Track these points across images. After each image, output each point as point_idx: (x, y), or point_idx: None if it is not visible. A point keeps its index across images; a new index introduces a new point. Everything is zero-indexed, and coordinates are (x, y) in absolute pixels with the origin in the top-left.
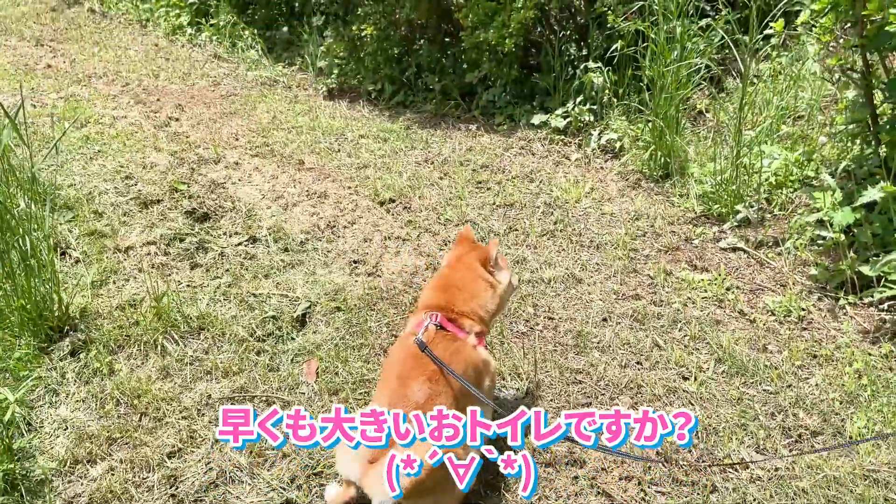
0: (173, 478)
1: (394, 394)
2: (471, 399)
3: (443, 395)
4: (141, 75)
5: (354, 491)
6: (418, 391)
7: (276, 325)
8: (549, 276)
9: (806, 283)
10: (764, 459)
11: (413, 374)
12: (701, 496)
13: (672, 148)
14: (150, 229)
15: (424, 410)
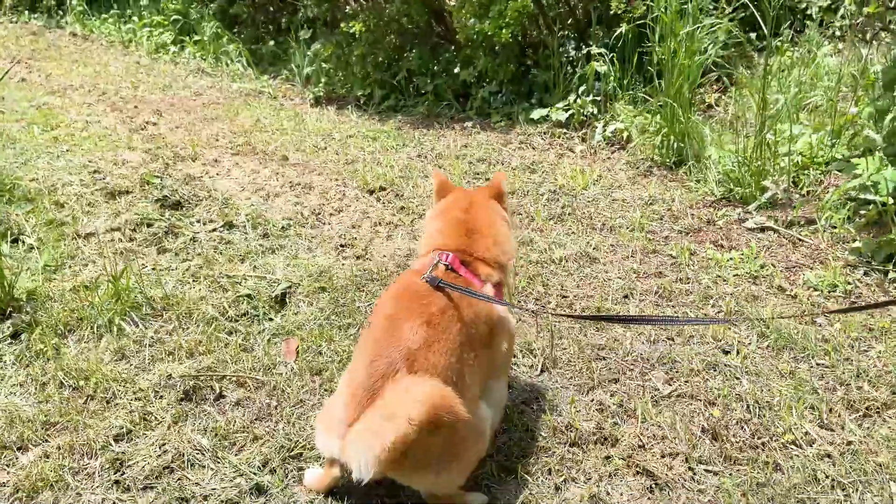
0: (119, 462)
1: (381, 337)
2: (480, 357)
3: (443, 343)
4: (119, 87)
5: (338, 471)
6: (412, 334)
7: (251, 304)
8: (560, 256)
9: (849, 257)
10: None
11: (408, 315)
12: (762, 474)
13: (686, 130)
14: (115, 217)
15: (417, 359)
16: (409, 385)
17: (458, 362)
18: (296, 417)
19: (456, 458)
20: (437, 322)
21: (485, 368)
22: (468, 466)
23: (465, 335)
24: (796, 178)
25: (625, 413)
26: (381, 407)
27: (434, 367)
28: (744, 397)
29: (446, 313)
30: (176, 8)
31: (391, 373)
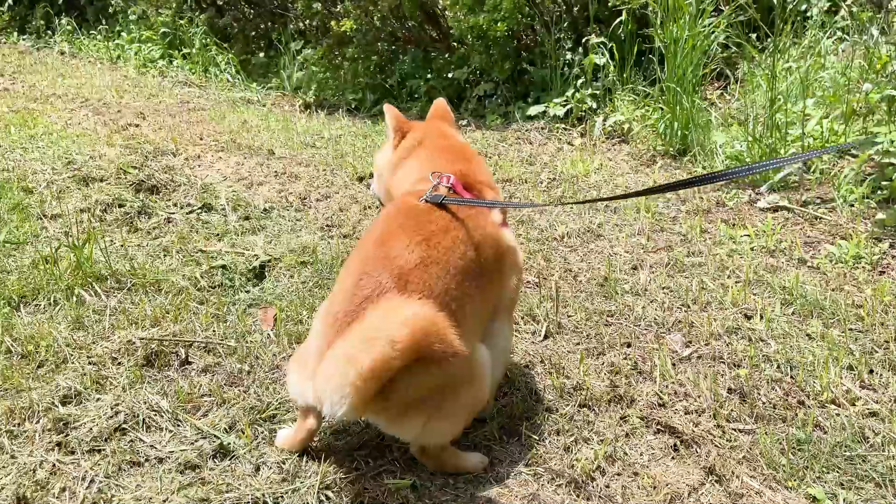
0: (63, 423)
1: (370, 256)
2: (484, 289)
3: (442, 265)
4: (103, 95)
5: (314, 422)
6: (408, 253)
7: (226, 276)
8: (562, 233)
9: (873, 230)
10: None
11: (403, 232)
12: (802, 432)
13: (691, 115)
14: (84, 199)
15: (410, 280)
16: (396, 305)
17: (459, 289)
18: (270, 381)
19: (448, 402)
20: (437, 241)
21: (489, 303)
22: (462, 416)
23: (469, 260)
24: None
25: (639, 374)
26: (361, 329)
27: (430, 290)
28: (772, 358)
29: (449, 233)
30: (165, 21)
31: (379, 294)
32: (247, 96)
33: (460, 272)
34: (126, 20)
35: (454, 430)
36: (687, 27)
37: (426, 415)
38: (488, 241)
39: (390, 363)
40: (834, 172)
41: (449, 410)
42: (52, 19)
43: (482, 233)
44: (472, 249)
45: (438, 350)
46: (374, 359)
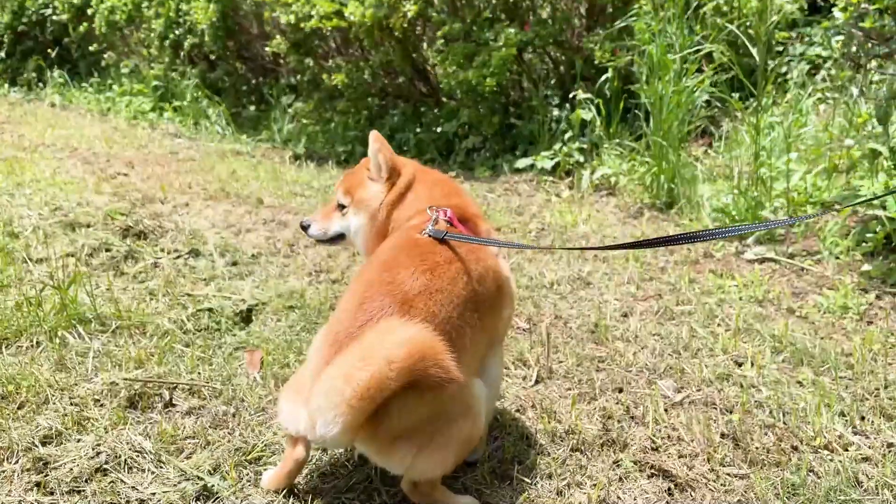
0: (43, 463)
1: (376, 280)
2: (484, 321)
3: (446, 294)
4: (93, 145)
5: (302, 451)
6: (412, 280)
7: (212, 319)
8: (552, 280)
9: (859, 281)
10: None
11: (409, 262)
12: (796, 476)
13: (677, 169)
14: (71, 244)
15: (414, 305)
16: (394, 325)
17: (460, 319)
18: (256, 423)
19: (441, 434)
20: (442, 272)
21: (487, 335)
22: (455, 451)
23: (471, 291)
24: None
25: (632, 419)
26: (358, 348)
27: (433, 317)
28: (764, 404)
29: (453, 264)
30: (157, 74)
31: (381, 318)
32: (236, 148)
33: (463, 302)
34: (118, 74)
35: (445, 464)
36: (672, 84)
37: (417, 445)
38: (489, 274)
39: (386, 383)
40: (819, 226)
41: (441, 442)
42: (45, 72)
43: (484, 265)
44: (474, 281)
45: (434, 374)
46: (370, 377)
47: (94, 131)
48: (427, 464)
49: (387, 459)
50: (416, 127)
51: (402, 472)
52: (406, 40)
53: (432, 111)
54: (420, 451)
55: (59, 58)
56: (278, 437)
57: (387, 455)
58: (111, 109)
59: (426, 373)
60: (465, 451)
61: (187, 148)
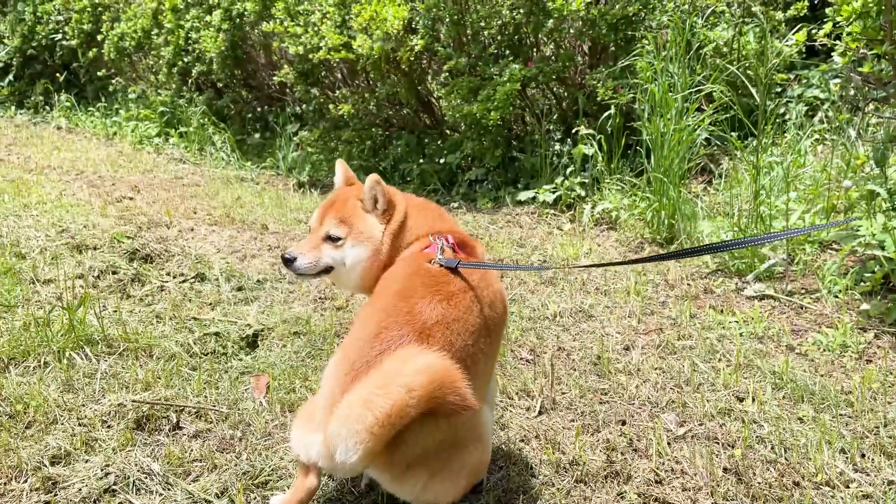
0: (52, 483)
1: (392, 310)
2: (493, 345)
3: (462, 323)
4: (98, 168)
5: (314, 480)
6: (430, 310)
7: (219, 343)
8: (554, 312)
9: (857, 320)
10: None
11: (424, 291)
12: None
13: (677, 205)
14: (78, 266)
15: (432, 334)
16: (413, 353)
17: (474, 346)
18: (263, 448)
19: (453, 461)
20: (458, 301)
21: (495, 359)
22: (464, 478)
23: (484, 318)
24: (792, 254)
25: (635, 452)
26: (378, 376)
27: (451, 346)
28: (766, 439)
29: (468, 292)
30: (164, 100)
31: (398, 347)
32: (241, 174)
33: (477, 330)
34: (125, 99)
35: (456, 491)
36: (673, 122)
37: (430, 472)
38: (498, 298)
39: (406, 410)
40: (818, 264)
41: (453, 469)
42: (52, 95)
43: (492, 290)
44: (486, 308)
45: (452, 402)
46: (391, 404)
47: (100, 155)
48: (438, 491)
49: (399, 486)
50: (420, 158)
51: (413, 499)
52: (412, 73)
53: (436, 143)
54: (432, 478)
55: (66, 82)
56: (285, 461)
57: (400, 482)
58: (117, 134)
59: (444, 400)
60: (474, 478)
61: (192, 173)
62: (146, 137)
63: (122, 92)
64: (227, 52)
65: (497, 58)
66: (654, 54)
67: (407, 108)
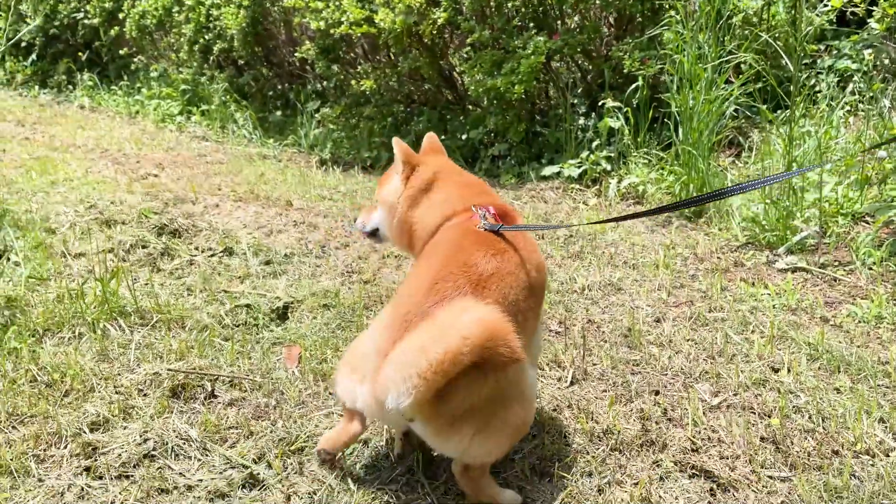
0: (92, 448)
1: (443, 263)
2: (536, 310)
3: (513, 278)
4: (122, 146)
5: (358, 426)
6: (484, 261)
7: (250, 314)
8: (583, 285)
9: (893, 292)
10: None
11: (475, 247)
12: (839, 480)
13: (707, 178)
14: (108, 240)
15: (488, 286)
16: (467, 305)
17: (525, 303)
18: (298, 416)
19: (498, 418)
20: (509, 257)
21: (537, 324)
22: (508, 436)
23: (531, 278)
24: (825, 226)
25: (669, 421)
26: (433, 324)
27: (504, 298)
28: (803, 409)
29: (517, 251)
30: (185, 79)
31: (455, 297)
32: (263, 152)
33: (526, 288)
34: (147, 77)
35: (499, 449)
36: (703, 93)
37: (475, 428)
38: (541, 265)
39: (460, 358)
40: (851, 236)
41: (497, 426)
42: (74, 75)
43: (537, 257)
44: (533, 270)
45: (502, 353)
46: (446, 351)
47: (124, 133)
48: (482, 447)
49: (444, 440)
50: (442, 134)
51: (457, 454)
52: (434, 47)
53: (458, 118)
54: (477, 434)
55: (88, 61)
56: (320, 428)
57: (445, 436)
58: (139, 112)
59: (496, 351)
60: (517, 438)
61: (215, 151)
62: (168, 116)
63: (144, 70)
64: (248, 28)
65: (521, 30)
66: (683, 24)
67: (429, 84)
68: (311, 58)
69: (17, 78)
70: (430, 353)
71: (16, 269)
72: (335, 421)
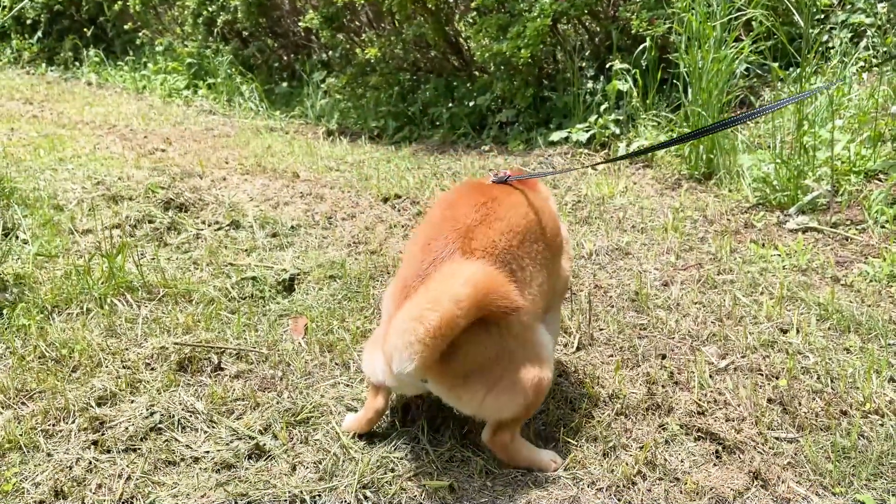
0: (99, 422)
1: (434, 221)
2: (546, 257)
3: (505, 222)
4: (130, 122)
5: (382, 401)
6: (473, 212)
7: (256, 287)
8: (590, 250)
9: None
10: None
11: (469, 198)
12: (847, 440)
13: (717, 138)
14: (115, 216)
15: (475, 236)
16: (457, 266)
17: (520, 249)
18: (304, 387)
19: (508, 373)
20: (501, 200)
21: (549, 276)
22: (523, 392)
23: (530, 221)
24: (836, 185)
25: (676, 385)
26: (427, 290)
27: (493, 246)
28: (811, 370)
29: (512, 195)
30: (190, 52)
31: (446, 255)
32: (270, 124)
33: (522, 232)
34: (153, 52)
35: (516, 406)
36: (712, 52)
37: (487, 384)
38: (547, 212)
39: (456, 321)
40: (863, 195)
41: (510, 383)
42: (80, 51)
43: (542, 203)
44: (532, 213)
45: (500, 305)
46: (440, 317)
47: (131, 109)
48: (497, 403)
49: (458, 398)
50: (449, 102)
51: (474, 411)
52: (439, 12)
53: (465, 85)
54: (490, 391)
55: (94, 37)
56: (326, 399)
57: (459, 392)
58: (146, 87)
59: (493, 305)
60: (536, 398)
61: (222, 124)
62: (175, 90)
63: (150, 45)
64: None
65: None
66: None
67: (434, 51)
68: (315, 27)
69: (23, 56)
70: (426, 320)
71: (24, 246)
72: (341, 391)
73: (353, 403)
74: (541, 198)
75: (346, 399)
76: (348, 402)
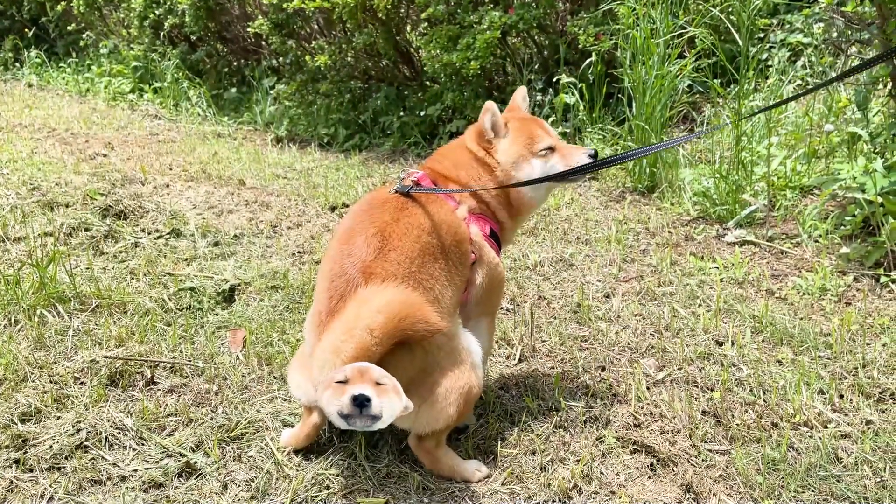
0: (22, 440)
1: (337, 255)
2: (451, 273)
3: (399, 251)
4: (71, 125)
5: (317, 417)
6: (366, 246)
7: (194, 298)
8: (535, 261)
9: (837, 264)
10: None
11: (361, 227)
12: (776, 452)
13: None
14: (50, 224)
15: (374, 271)
16: (369, 295)
17: (421, 271)
18: (239, 401)
19: (439, 386)
20: (390, 231)
21: (458, 286)
22: (455, 402)
23: (424, 243)
24: (773, 200)
25: (614, 397)
26: (341, 322)
27: (392, 278)
28: (745, 382)
29: (400, 221)
30: (136, 55)
31: (350, 290)
32: (217, 130)
33: (419, 256)
34: (97, 54)
35: (447, 416)
36: (655, 68)
37: (419, 399)
38: (446, 225)
39: (372, 350)
40: (798, 209)
41: (441, 394)
42: (21, 52)
43: (442, 216)
44: (426, 233)
45: (419, 329)
46: (355, 348)
47: (73, 112)
48: (429, 415)
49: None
50: (400, 110)
51: (409, 425)
52: (389, 22)
53: (416, 95)
54: (422, 405)
55: (36, 37)
56: (262, 414)
57: None
58: (90, 90)
59: (413, 329)
60: (466, 405)
61: (167, 129)
62: (120, 94)
63: (94, 47)
64: (200, 2)
65: (476, 5)
66: None
67: (385, 59)
68: (265, 33)
69: None
70: (342, 353)
71: None
72: (279, 406)
73: (289, 419)
74: (443, 210)
75: (283, 414)
76: (285, 418)
